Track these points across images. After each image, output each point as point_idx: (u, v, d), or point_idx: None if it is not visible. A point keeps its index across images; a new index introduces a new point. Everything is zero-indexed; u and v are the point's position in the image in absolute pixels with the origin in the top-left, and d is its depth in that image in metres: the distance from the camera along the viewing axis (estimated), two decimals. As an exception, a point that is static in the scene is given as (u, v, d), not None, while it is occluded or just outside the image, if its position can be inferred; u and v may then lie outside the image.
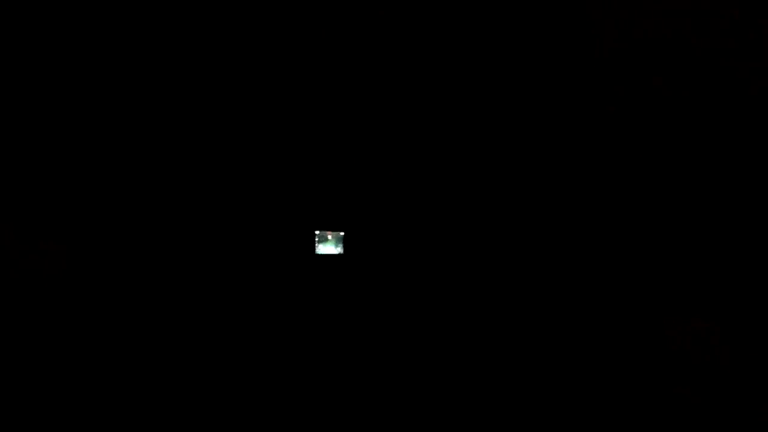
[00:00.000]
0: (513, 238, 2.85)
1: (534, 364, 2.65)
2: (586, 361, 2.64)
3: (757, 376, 2.25)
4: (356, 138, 2.60)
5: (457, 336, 2.69)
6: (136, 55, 2.37)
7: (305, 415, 2.36)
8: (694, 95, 2.46)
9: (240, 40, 2.37)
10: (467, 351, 2.67)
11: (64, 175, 2.48)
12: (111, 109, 2.44)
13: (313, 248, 2.38)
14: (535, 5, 2.45)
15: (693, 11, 2.24)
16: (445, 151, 2.76)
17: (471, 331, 2.70)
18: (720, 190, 2.55)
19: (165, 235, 2.53)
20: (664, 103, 2.53)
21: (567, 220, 2.87)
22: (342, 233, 2.40)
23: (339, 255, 2.40)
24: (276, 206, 2.49)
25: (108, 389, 2.34)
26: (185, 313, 2.46)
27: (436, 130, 2.72)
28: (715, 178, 2.55)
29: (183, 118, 2.49)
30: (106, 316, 2.45)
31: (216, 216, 2.51)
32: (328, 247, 2.41)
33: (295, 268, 2.43)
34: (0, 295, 2.31)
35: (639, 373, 2.52)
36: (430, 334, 2.69)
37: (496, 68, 2.53)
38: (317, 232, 2.37)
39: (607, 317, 2.73)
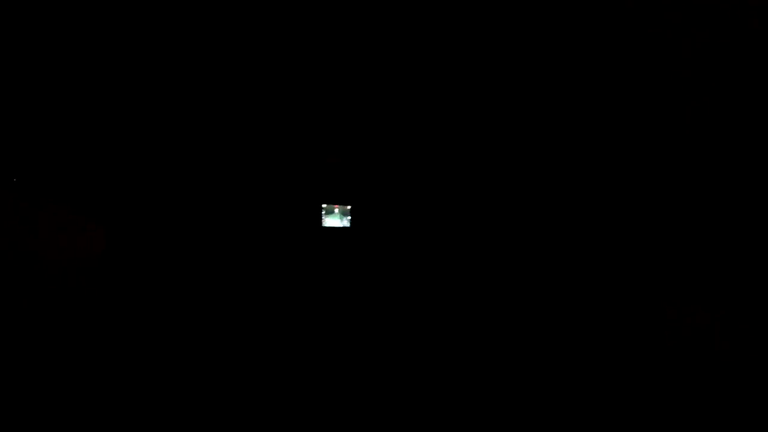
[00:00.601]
0: (516, 234, 2.88)
1: (536, 352, 2.64)
2: (588, 349, 2.62)
3: (756, 365, 2.21)
4: (367, 117, 2.70)
5: (460, 314, 2.71)
6: (164, 54, 2.53)
7: (309, 378, 2.41)
8: (694, 91, 2.50)
9: (248, 37, 2.52)
10: (470, 329, 2.68)
11: (109, 168, 2.64)
12: (140, 104, 2.61)
13: (320, 221, 2.46)
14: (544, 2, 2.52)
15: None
16: (450, 143, 2.83)
17: (473, 314, 2.72)
18: (722, 184, 2.55)
19: (191, 213, 2.65)
20: (663, 101, 2.57)
21: (572, 210, 2.89)
22: (349, 207, 2.48)
23: (345, 228, 2.48)
24: (286, 180, 2.59)
25: (137, 359, 2.43)
26: (208, 277, 2.56)
27: (444, 119, 2.80)
28: (716, 172, 2.56)
29: (207, 111, 2.64)
30: (134, 280, 2.56)
31: (233, 194, 2.63)
32: (335, 220, 2.50)
33: (302, 239, 2.52)
34: (46, 269, 2.45)
35: (641, 361, 2.49)
36: (432, 306, 2.72)
37: (496, 62, 2.62)
38: (324, 206, 2.46)
39: (609, 306, 2.71)
